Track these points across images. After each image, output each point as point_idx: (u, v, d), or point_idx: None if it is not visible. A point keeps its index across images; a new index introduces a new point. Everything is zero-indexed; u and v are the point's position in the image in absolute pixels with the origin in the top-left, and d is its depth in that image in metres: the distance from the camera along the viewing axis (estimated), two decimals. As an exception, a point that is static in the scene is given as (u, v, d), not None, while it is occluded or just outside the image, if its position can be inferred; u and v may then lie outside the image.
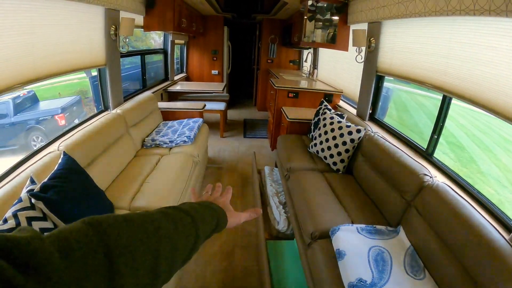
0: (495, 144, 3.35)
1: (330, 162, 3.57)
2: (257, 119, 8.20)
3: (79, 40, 3.19)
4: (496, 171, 3.08)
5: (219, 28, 8.39)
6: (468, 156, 3.64)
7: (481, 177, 3.09)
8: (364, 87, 4.16)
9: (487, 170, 3.13)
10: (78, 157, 2.44)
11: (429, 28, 2.94)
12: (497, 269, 1.63)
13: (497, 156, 3.27)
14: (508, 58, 2.07)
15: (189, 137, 3.91)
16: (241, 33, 11.15)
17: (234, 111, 8.92)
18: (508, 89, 2.06)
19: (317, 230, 2.47)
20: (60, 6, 2.81)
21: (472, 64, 2.42)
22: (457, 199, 2.12)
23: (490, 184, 2.90)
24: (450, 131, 4.17)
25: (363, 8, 3.91)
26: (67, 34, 3.00)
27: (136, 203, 2.67)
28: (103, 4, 3.20)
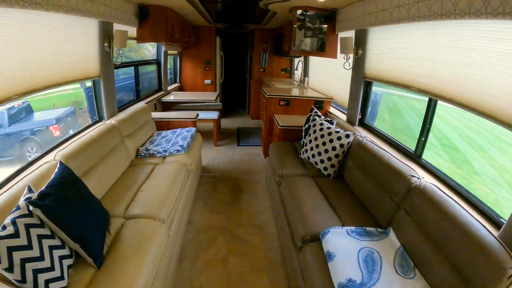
0: (489, 144, 3.40)
1: (321, 167, 3.63)
2: (250, 127, 8.26)
3: (74, 52, 3.26)
4: (491, 171, 3.12)
5: (212, 38, 8.49)
6: (463, 157, 3.69)
7: (476, 177, 3.13)
8: (352, 93, 4.23)
9: (482, 170, 3.17)
10: (74, 167, 2.49)
11: (413, 33, 3.03)
12: (486, 265, 1.66)
13: (491, 156, 3.32)
14: (490, 59, 2.14)
15: (182, 146, 3.96)
16: (233, 42, 11.25)
17: (228, 120, 8.97)
18: (492, 89, 2.13)
19: (308, 233, 2.52)
20: (56, 19, 2.89)
21: (455, 67, 2.49)
22: (444, 199, 2.17)
23: (485, 184, 2.94)
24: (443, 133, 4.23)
25: (350, 16, 3.99)
26: (62, 46, 3.07)
27: (131, 211, 2.70)
28: (97, 17, 3.25)
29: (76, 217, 2.01)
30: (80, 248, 1.96)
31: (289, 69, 9.05)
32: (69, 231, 1.91)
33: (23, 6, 2.16)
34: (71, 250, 1.98)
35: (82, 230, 2.00)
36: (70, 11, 2.74)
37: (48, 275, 1.73)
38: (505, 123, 2.01)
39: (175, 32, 5.56)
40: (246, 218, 3.89)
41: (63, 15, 2.82)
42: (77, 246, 1.95)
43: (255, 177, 5.13)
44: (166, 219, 2.71)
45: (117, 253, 2.17)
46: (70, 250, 1.97)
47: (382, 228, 2.60)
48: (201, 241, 3.41)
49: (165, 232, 2.57)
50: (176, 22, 5.64)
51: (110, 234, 2.35)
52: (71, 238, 1.92)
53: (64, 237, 1.90)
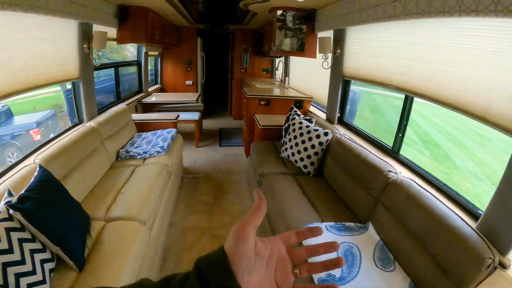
0: (470, 140, 3.44)
1: (301, 165, 3.68)
2: (232, 127, 8.25)
3: (54, 54, 3.21)
4: (472, 166, 3.17)
5: (193, 39, 8.47)
6: (443, 153, 3.73)
7: (458, 173, 3.17)
8: (331, 92, 4.30)
9: (463, 165, 3.21)
10: (54, 170, 2.46)
11: (390, 32, 3.09)
12: (464, 256, 1.72)
13: (472, 151, 3.36)
14: (464, 56, 2.19)
15: (162, 147, 3.96)
16: (214, 43, 11.23)
17: (210, 120, 8.95)
18: (466, 85, 2.18)
19: (288, 229, 2.54)
20: (35, 21, 2.84)
21: (430, 64, 2.55)
22: (421, 192, 2.24)
23: (466, 179, 2.99)
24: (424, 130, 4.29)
25: (329, 16, 4.04)
26: (41, 48, 3.02)
27: (111, 213, 2.69)
28: (76, 18, 3.22)
29: (56, 220, 2.00)
30: (61, 251, 1.94)
31: (270, 69, 9.09)
32: (50, 234, 1.90)
33: (2, 8, 2.13)
34: (53, 253, 1.97)
35: (63, 233, 1.98)
36: (49, 13, 2.70)
37: (30, 279, 1.72)
38: (479, 117, 2.07)
39: (155, 33, 5.52)
40: (229, 218, 3.91)
41: (42, 17, 2.80)
42: (58, 249, 1.93)
43: (237, 177, 5.15)
44: (147, 221, 2.71)
45: (99, 256, 2.16)
46: (51, 253, 1.95)
47: (361, 223, 2.66)
48: (184, 242, 3.41)
49: (146, 233, 2.58)
50: (156, 23, 5.61)
51: (91, 237, 2.33)
52: (51, 241, 1.90)
53: (45, 241, 1.88)
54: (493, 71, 1.96)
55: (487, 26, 1.97)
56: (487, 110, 2.01)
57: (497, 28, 1.90)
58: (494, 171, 2.66)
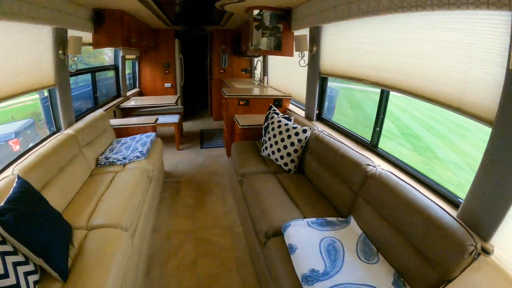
0: (450, 131, 3.51)
1: (282, 163, 3.71)
2: (213, 129, 8.23)
3: (27, 61, 3.15)
4: (453, 156, 3.24)
5: (170, 41, 8.43)
6: (424, 145, 3.78)
7: (439, 163, 3.23)
8: (309, 89, 4.34)
9: (444, 156, 3.28)
10: (33, 180, 2.43)
11: (364, 29, 3.14)
12: (446, 245, 1.75)
13: (452, 142, 3.44)
14: (439, 49, 2.23)
15: (141, 152, 3.92)
16: (193, 44, 11.19)
17: (191, 122, 8.90)
18: (440, 77, 2.23)
19: (270, 228, 2.57)
20: (4, 27, 2.78)
21: (403, 58, 2.60)
22: (400, 184, 2.28)
23: (448, 168, 3.05)
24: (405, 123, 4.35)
25: (305, 14, 4.08)
26: (13, 56, 2.96)
27: (93, 222, 2.65)
28: (50, 23, 3.18)
29: (37, 231, 1.96)
30: (44, 263, 1.91)
31: (249, 69, 9.10)
32: (31, 246, 1.87)
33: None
34: (36, 265, 1.94)
35: (45, 244, 1.95)
36: (23, 19, 2.67)
37: (15, 293, 1.68)
38: (454, 108, 2.11)
39: (132, 36, 5.46)
40: (212, 220, 3.90)
41: (13, 23, 2.75)
42: (40, 261, 1.90)
43: (220, 179, 5.13)
44: (129, 227, 2.68)
45: (82, 265, 2.13)
46: (34, 265, 1.92)
47: (343, 217, 2.69)
48: (169, 246, 3.38)
49: (129, 240, 2.55)
50: (133, 26, 5.56)
51: (73, 247, 2.30)
52: (34, 253, 1.87)
53: (27, 253, 1.85)
54: (468, 62, 2.00)
55: (461, 18, 2.00)
56: (461, 100, 2.06)
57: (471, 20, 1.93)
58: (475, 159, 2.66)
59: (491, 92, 1.83)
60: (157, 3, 4.84)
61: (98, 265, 2.14)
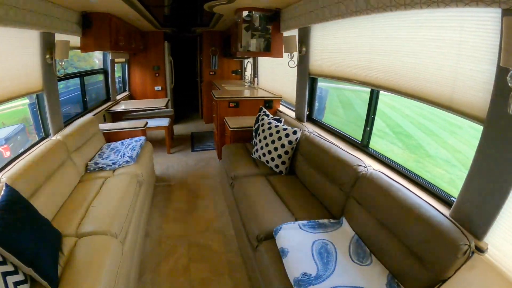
0: (441, 128, 3.52)
1: (272, 165, 3.69)
2: (204, 131, 8.21)
3: (13, 66, 3.09)
4: (445, 153, 3.25)
5: (160, 44, 8.39)
6: (416, 143, 3.79)
7: (430, 160, 3.23)
8: (299, 90, 4.33)
9: (436, 153, 3.28)
10: (22, 188, 2.38)
11: (353, 28, 3.13)
12: (440, 244, 1.75)
13: (443, 140, 3.44)
14: (428, 47, 2.22)
15: (131, 157, 3.88)
16: (182, 47, 11.14)
17: (182, 125, 8.87)
18: (429, 75, 2.23)
19: (262, 232, 2.55)
20: None
21: (393, 57, 2.60)
22: (392, 184, 2.27)
23: (440, 166, 3.06)
24: (396, 121, 4.36)
25: (293, 15, 4.06)
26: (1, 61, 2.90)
27: (82, 229, 2.61)
28: (37, 28, 3.13)
29: (26, 240, 1.94)
30: (34, 272, 1.88)
31: (239, 71, 9.07)
32: (20, 255, 1.83)
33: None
34: (26, 275, 1.90)
35: (34, 253, 1.92)
36: (9, 24, 2.62)
37: (6, 303, 1.65)
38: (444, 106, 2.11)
39: (120, 39, 5.43)
40: (204, 224, 3.87)
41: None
42: (30, 270, 1.87)
43: (211, 182, 5.11)
44: (119, 233, 2.64)
45: (72, 273, 2.10)
46: (24, 275, 1.89)
47: (335, 219, 2.67)
48: (161, 251, 3.35)
49: (119, 246, 2.52)
50: (121, 29, 5.52)
51: (63, 254, 2.27)
52: (23, 262, 1.84)
53: (16, 262, 1.82)
54: (458, 60, 1.99)
55: (450, 16, 2.00)
56: (452, 99, 2.06)
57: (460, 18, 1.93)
58: (466, 156, 2.72)
59: (481, 89, 1.83)
60: (145, 5, 4.81)
61: (88, 272, 2.11)
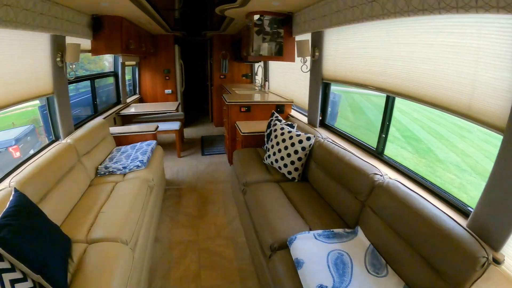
0: (450, 132, 3.46)
1: (285, 171, 3.63)
2: (214, 135, 8.18)
3: (24, 69, 3.09)
4: (454, 157, 3.19)
5: (170, 47, 8.37)
6: (425, 147, 3.75)
7: (440, 165, 3.18)
8: (312, 95, 4.28)
9: (445, 158, 3.23)
10: (31, 192, 2.36)
11: (368, 33, 3.07)
12: (457, 257, 1.68)
13: (453, 144, 3.39)
14: (445, 53, 2.16)
15: (142, 161, 3.84)
16: (193, 50, 11.14)
17: (192, 129, 8.85)
18: (446, 82, 2.16)
19: (276, 241, 2.49)
20: (1, 35, 2.72)
21: (410, 63, 2.53)
22: (409, 194, 2.20)
23: (449, 170, 3.00)
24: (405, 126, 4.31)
25: (306, 19, 4.02)
26: (10, 64, 2.89)
27: (92, 235, 2.58)
28: (48, 31, 3.11)
29: (34, 247, 1.90)
30: (43, 279, 1.85)
31: (250, 75, 9.04)
32: (29, 262, 1.80)
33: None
34: (34, 282, 1.86)
35: (43, 260, 1.89)
36: (19, 26, 2.61)
37: (14, 311, 1.62)
38: (462, 114, 2.05)
39: (131, 42, 5.42)
40: (215, 230, 3.82)
41: (9, 31, 2.71)
42: (39, 278, 1.83)
43: (222, 187, 5.06)
44: (129, 240, 2.60)
45: (82, 281, 2.07)
46: (33, 282, 1.84)
47: (350, 228, 2.61)
48: (171, 258, 3.30)
49: (129, 253, 2.47)
50: (132, 32, 5.52)
51: (73, 261, 2.24)
52: (31, 270, 1.80)
53: (25, 269, 1.78)
54: (476, 67, 1.93)
55: (468, 22, 1.95)
56: (470, 107, 1.99)
57: (478, 24, 1.87)
58: (476, 161, 2.71)
59: (501, 98, 1.77)
60: (156, 9, 4.80)
61: (98, 280, 2.08)
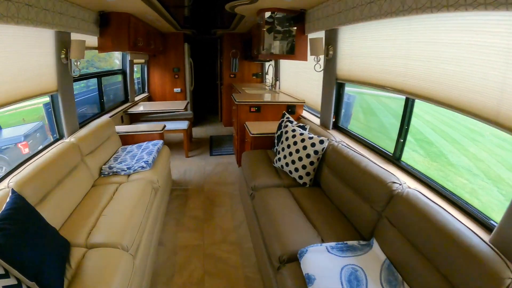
0: (462, 136, 3.39)
1: (296, 176, 3.46)
2: (223, 135, 8.06)
3: (27, 66, 3.00)
4: (466, 161, 3.11)
5: (180, 45, 8.29)
6: (437, 150, 3.68)
7: (452, 169, 3.11)
8: (325, 96, 4.11)
9: (457, 162, 3.16)
10: (30, 193, 2.30)
11: (386, 31, 2.90)
12: (481, 276, 1.55)
13: (465, 147, 3.31)
14: (470, 54, 2.01)
15: (147, 162, 3.71)
16: (203, 48, 11.06)
17: (200, 128, 8.76)
18: (472, 85, 2.01)
19: (285, 253, 2.32)
20: (5, 32, 2.64)
21: (433, 63, 2.37)
22: (430, 205, 2.04)
23: (461, 174, 2.91)
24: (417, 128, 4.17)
25: (320, 16, 3.87)
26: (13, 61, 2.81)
27: (92, 239, 2.46)
28: (52, 27, 3.02)
29: (30, 252, 1.81)
30: (37, 286, 1.76)
31: (260, 74, 8.93)
32: (24, 268, 1.72)
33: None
34: (30, 288, 1.78)
35: (38, 267, 1.80)
36: (21, 23, 2.52)
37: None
38: (490, 120, 1.89)
39: (139, 40, 5.32)
40: (221, 235, 3.68)
41: (13, 27, 2.63)
42: (33, 284, 1.75)
43: (229, 189, 4.92)
44: (130, 246, 2.47)
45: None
46: (28, 288, 1.76)
47: (364, 240, 2.45)
48: (174, 263, 3.18)
49: (130, 260, 2.35)
50: (140, 29, 5.41)
51: (71, 267, 2.13)
52: (26, 276, 1.71)
53: (19, 276, 1.69)
54: (506, 69, 1.77)
55: (498, 20, 1.78)
56: (498, 112, 1.83)
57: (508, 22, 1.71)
58: (488, 166, 2.63)
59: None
60: (165, 6, 4.70)
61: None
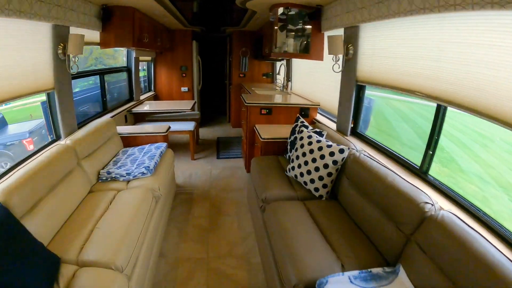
0: (473, 141, 3.24)
1: (311, 188, 3.15)
2: (231, 136, 7.83)
3: (21, 62, 2.81)
4: (477, 168, 2.95)
5: (188, 43, 8.08)
6: (448, 156, 3.52)
7: (463, 176, 2.93)
8: (343, 99, 3.82)
9: (468, 168, 3.01)
10: (17, 203, 2.12)
11: (415, 29, 2.62)
12: None
13: (476, 153, 3.16)
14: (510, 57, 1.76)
15: (148, 168, 3.43)
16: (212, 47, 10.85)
17: (207, 129, 8.54)
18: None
19: (301, 281, 2.02)
20: None
21: (469, 67, 2.10)
22: (467, 231, 1.76)
23: (472, 182, 2.74)
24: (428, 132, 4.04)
25: (338, 13, 3.60)
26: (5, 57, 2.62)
27: (84, 255, 2.21)
28: (48, 20, 2.82)
29: (12, 274, 1.68)
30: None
31: (271, 74, 8.68)
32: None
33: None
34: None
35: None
36: (12, 15, 2.32)
37: None
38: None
39: (144, 36, 5.08)
40: (227, 247, 3.41)
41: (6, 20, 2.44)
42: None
43: (237, 196, 4.64)
44: (125, 266, 2.20)
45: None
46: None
47: (389, 265, 2.17)
48: (175, 277, 2.94)
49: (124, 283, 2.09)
50: (145, 25, 5.18)
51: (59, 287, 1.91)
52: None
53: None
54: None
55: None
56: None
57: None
58: (499, 173, 2.49)
59: None
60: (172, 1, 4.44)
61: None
